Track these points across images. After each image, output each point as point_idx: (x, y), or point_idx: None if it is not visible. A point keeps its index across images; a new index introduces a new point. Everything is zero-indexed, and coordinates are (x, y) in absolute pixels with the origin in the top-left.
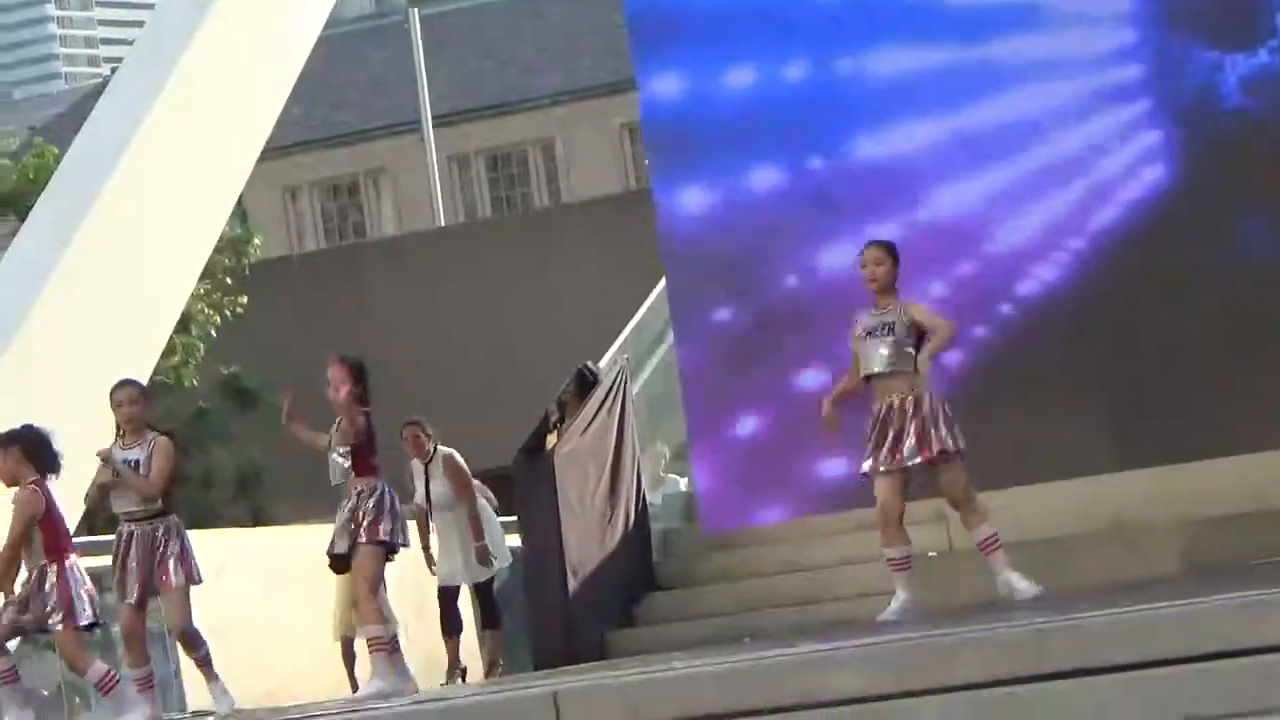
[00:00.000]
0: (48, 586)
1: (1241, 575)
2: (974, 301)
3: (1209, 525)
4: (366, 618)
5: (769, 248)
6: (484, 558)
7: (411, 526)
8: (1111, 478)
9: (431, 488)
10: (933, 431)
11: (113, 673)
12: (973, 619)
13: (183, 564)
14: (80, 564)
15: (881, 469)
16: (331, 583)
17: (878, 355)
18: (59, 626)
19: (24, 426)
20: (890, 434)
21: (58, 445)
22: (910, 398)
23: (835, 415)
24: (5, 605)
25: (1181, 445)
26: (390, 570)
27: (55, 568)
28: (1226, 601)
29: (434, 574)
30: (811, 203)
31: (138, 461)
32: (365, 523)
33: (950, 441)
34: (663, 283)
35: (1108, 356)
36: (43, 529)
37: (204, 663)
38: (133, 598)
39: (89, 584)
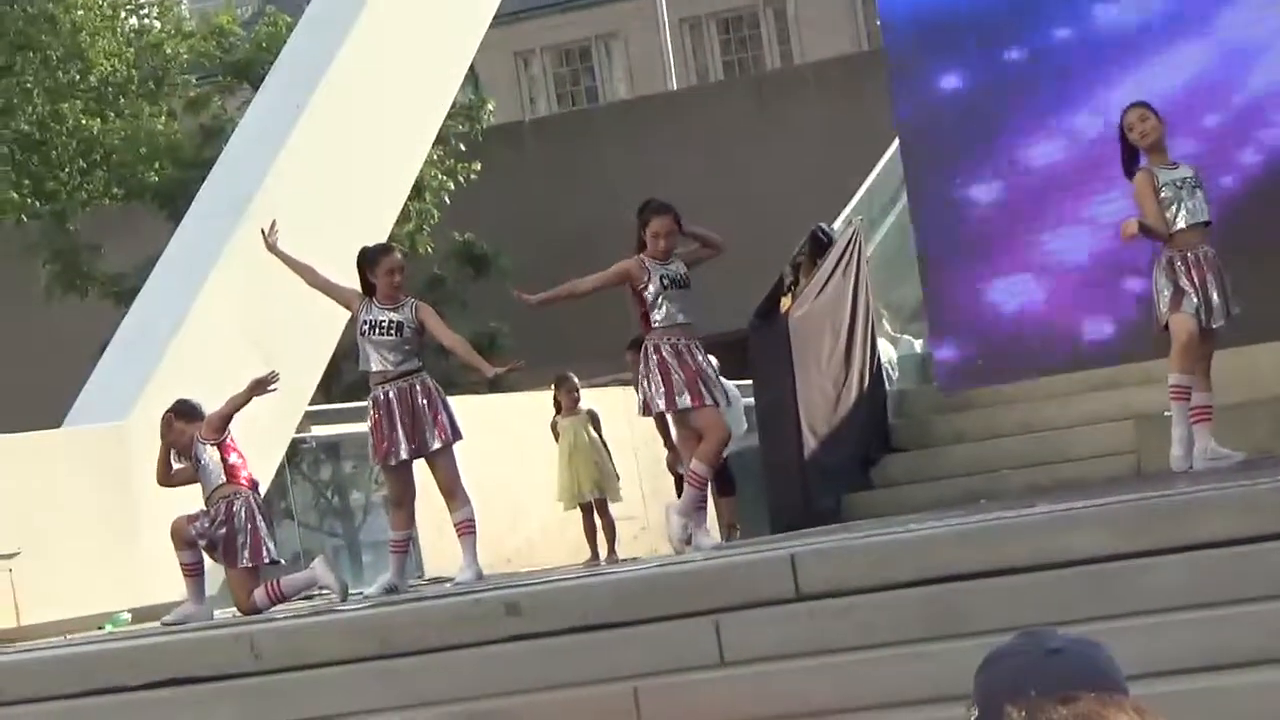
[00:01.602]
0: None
1: None
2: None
3: None
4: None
5: (1010, 117)
6: None
7: None
8: None
9: None
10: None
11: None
12: (1214, 477)
13: (449, 419)
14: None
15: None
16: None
17: (1197, 207)
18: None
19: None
20: (1202, 285)
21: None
22: (1211, 250)
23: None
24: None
25: None
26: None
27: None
28: None
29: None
30: (1052, 74)
31: (400, 323)
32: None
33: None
34: (896, 144)
35: None
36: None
37: (467, 526)
38: (401, 458)
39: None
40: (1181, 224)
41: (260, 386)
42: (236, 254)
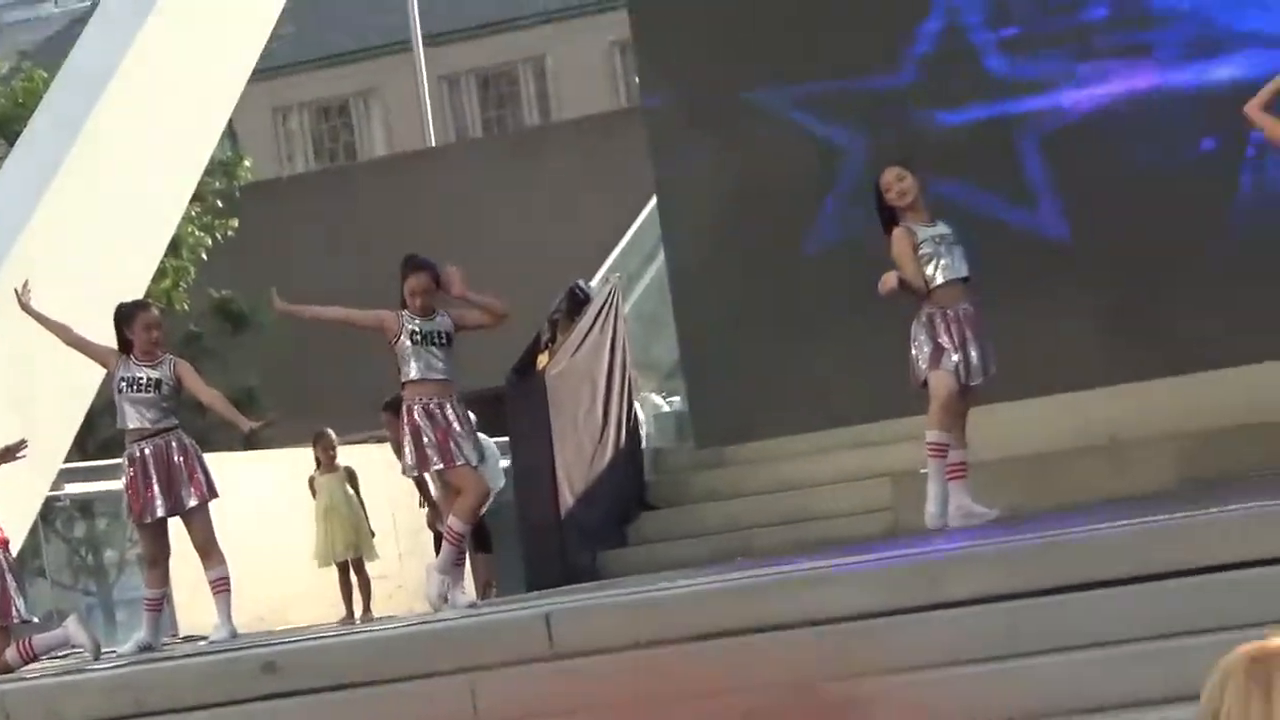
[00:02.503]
0: None
1: (1237, 487)
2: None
3: (1202, 437)
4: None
5: (765, 170)
6: None
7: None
8: (1102, 391)
9: None
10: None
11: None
12: (963, 536)
13: (205, 477)
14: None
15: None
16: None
17: (955, 263)
18: None
19: None
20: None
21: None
22: (970, 307)
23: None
24: None
25: (1172, 359)
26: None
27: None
28: (1223, 514)
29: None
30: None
31: (159, 380)
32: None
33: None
34: (654, 200)
35: (1095, 270)
36: None
37: (222, 584)
38: (157, 515)
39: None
40: (940, 280)
41: (9, 455)
42: None
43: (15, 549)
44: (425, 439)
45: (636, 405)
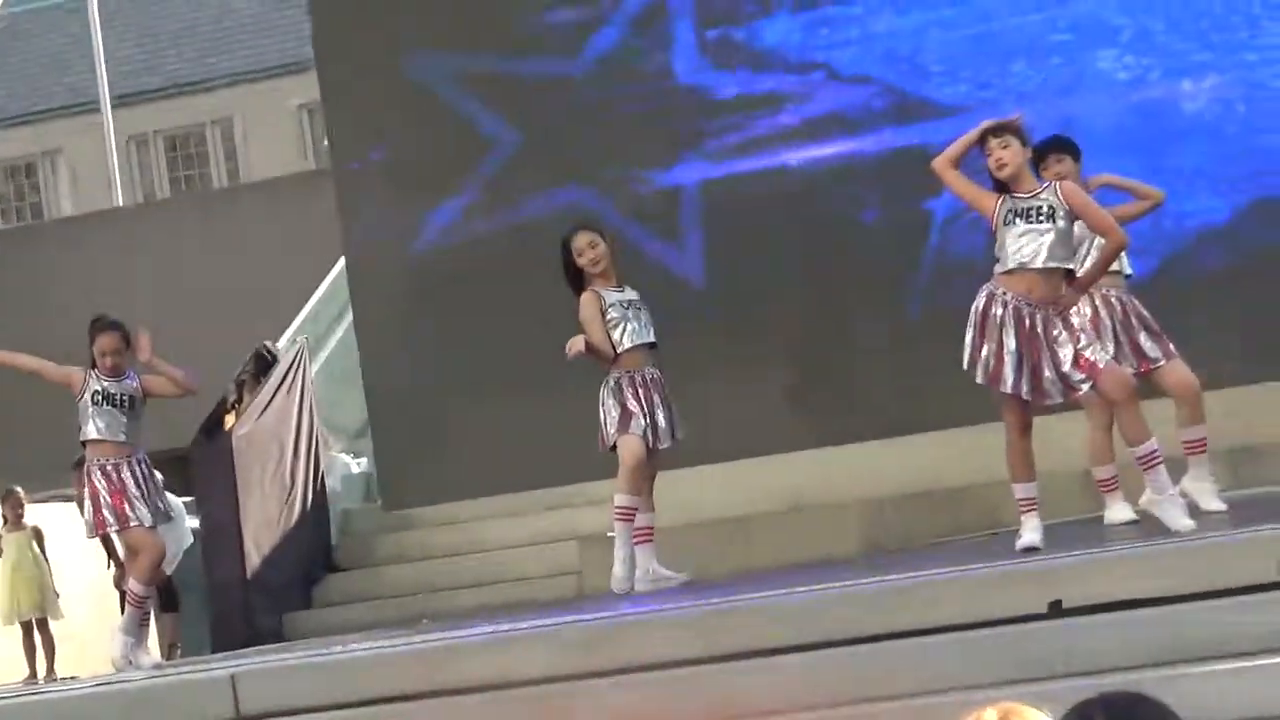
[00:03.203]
0: None
1: (918, 554)
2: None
3: (886, 504)
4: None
5: (450, 228)
6: None
7: None
8: (788, 456)
9: None
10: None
11: None
12: (650, 599)
13: None
14: None
15: None
16: None
17: (642, 328)
18: None
19: None
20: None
21: None
22: (657, 372)
23: None
24: None
25: (857, 425)
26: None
27: None
28: (903, 581)
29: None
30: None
31: None
32: None
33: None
34: (341, 262)
35: (783, 337)
36: None
37: None
38: None
39: None
40: (627, 344)
41: None
42: None
43: None
44: (102, 500)
45: (324, 466)
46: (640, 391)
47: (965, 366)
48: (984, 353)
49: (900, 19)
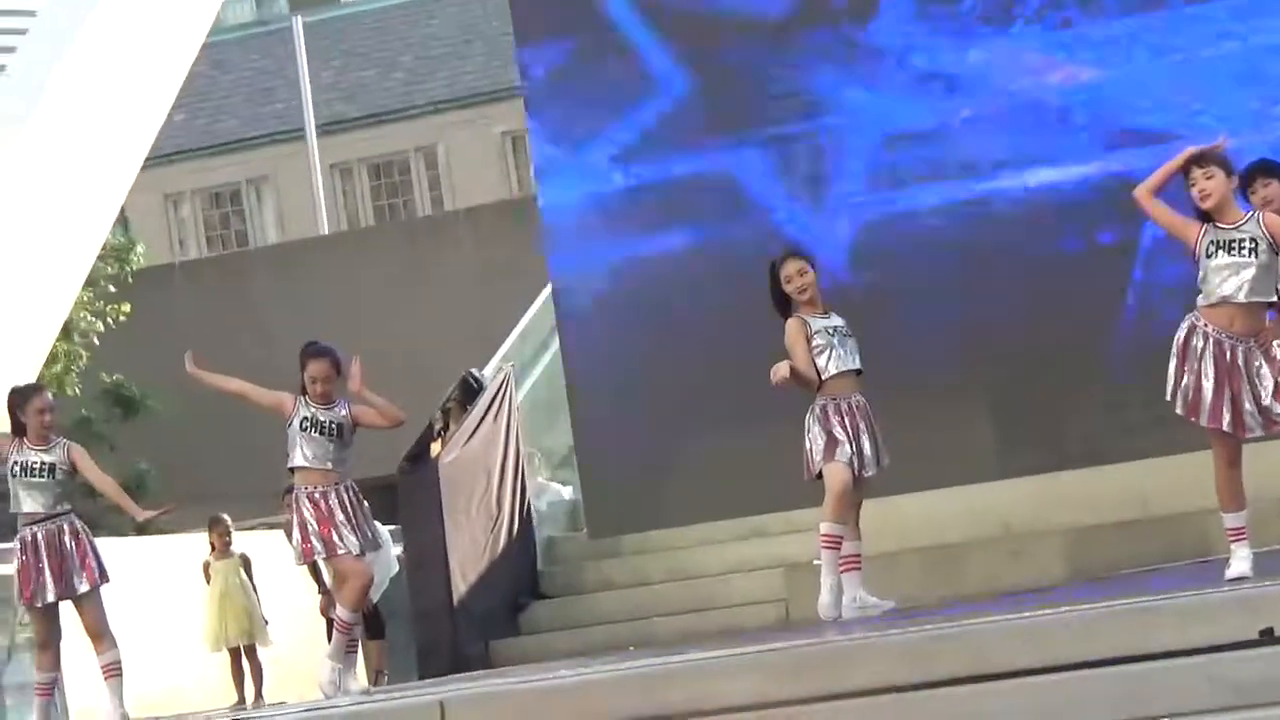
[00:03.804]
0: None
1: (1127, 581)
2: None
3: (1094, 532)
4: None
5: (664, 279)
6: None
7: None
8: (996, 485)
9: None
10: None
11: None
12: (864, 625)
13: (97, 562)
14: None
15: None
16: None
17: (847, 355)
18: None
19: None
20: (855, 433)
21: None
22: (862, 399)
23: None
24: None
25: (1063, 453)
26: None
27: None
28: (1114, 608)
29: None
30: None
31: (53, 464)
32: None
33: None
34: (548, 289)
35: (990, 365)
36: None
37: (113, 669)
38: (48, 600)
39: None
40: (832, 370)
41: None
42: None
43: None
44: (310, 528)
45: (532, 492)
46: (845, 419)
47: (1168, 397)
48: (1184, 383)
49: (1108, 45)
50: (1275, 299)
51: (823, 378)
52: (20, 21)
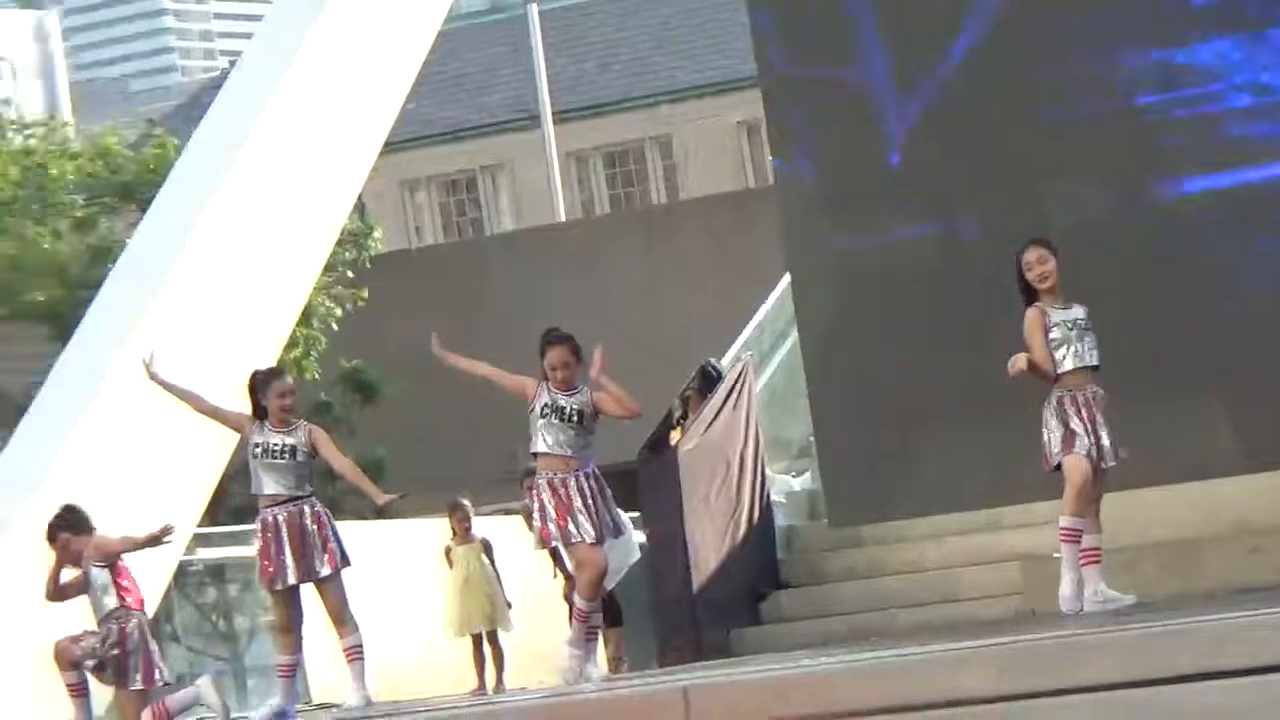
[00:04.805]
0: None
1: None
2: None
3: None
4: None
5: (901, 271)
6: None
7: None
8: (1236, 480)
9: None
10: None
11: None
12: (1099, 620)
13: (338, 545)
14: None
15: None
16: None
17: (1085, 350)
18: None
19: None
20: (1092, 425)
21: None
22: (1099, 391)
23: None
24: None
25: None
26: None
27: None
28: None
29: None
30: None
31: (293, 446)
32: None
33: None
34: (786, 280)
35: (1231, 359)
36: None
37: (355, 652)
38: (289, 583)
39: None
40: (1069, 365)
41: (156, 541)
42: (125, 375)
43: (149, 612)
44: (548, 514)
45: (770, 481)
46: (1083, 410)
47: None
48: None
49: None
50: None
51: (1059, 372)
52: (254, 7)
